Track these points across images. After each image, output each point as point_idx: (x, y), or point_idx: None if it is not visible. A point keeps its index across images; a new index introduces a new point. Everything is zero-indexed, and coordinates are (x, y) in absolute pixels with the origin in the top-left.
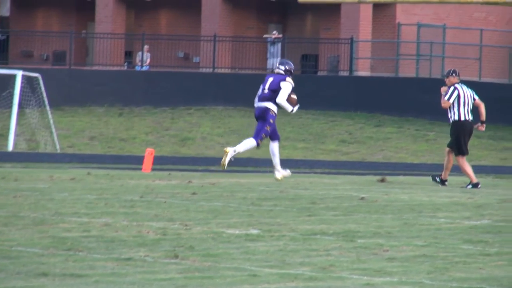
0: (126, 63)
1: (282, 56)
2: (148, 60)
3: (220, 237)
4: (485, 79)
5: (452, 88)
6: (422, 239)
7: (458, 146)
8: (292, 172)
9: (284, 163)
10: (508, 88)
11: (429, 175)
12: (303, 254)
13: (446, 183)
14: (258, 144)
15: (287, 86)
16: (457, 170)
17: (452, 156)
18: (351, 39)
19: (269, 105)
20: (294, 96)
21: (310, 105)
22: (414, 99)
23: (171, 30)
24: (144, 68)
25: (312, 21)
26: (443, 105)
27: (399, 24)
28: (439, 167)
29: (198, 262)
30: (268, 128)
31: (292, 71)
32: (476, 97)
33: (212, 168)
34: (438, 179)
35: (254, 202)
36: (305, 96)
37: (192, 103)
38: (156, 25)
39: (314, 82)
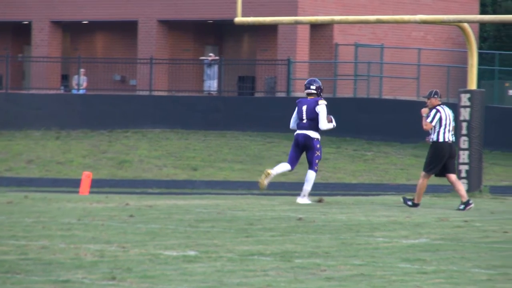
0: (62, 87)
1: (219, 77)
2: (85, 84)
3: (157, 259)
4: (423, 99)
5: (434, 110)
6: (360, 258)
7: (430, 164)
8: (230, 194)
9: (222, 185)
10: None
11: (367, 195)
12: (240, 275)
13: (419, 207)
14: (315, 171)
15: (323, 109)
16: (398, 189)
17: (426, 181)
18: (288, 60)
19: (312, 133)
20: (329, 116)
21: (247, 126)
22: (352, 119)
23: (108, 53)
24: (81, 92)
25: (249, 42)
26: (425, 127)
27: (337, 45)
28: (376, 187)
29: (136, 284)
30: (318, 154)
31: (322, 87)
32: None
33: (150, 190)
34: (410, 203)
35: (192, 223)
36: (242, 117)
37: (129, 126)
38: (92, 48)
39: (251, 103)
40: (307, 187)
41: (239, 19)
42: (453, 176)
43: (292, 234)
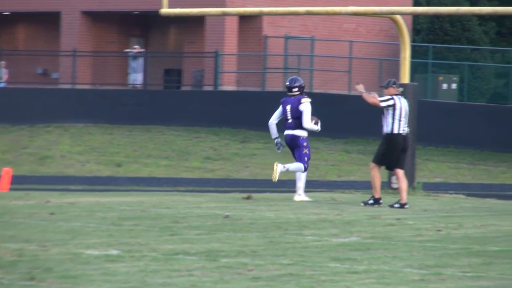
0: None
1: (144, 70)
2: (5, 77)
3: (78, 258)
4: (355, 92)
5: (389, 96)
6: (288, 257)
7: (381, 156)
8: (155, 191)
9: (146, 181)
10: (377, 106)
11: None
12: (164, 275)
13: (381, 201)
14: (305, 169)
15: (307, 107)
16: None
17: (378, 171)
18: (216, 52)
19: (297, 132)
20: (314, 117)
21: (173, 121)
22: None
23: (30, 45)
24: (1, 85)
25: (175, 34)
26: (371, 100)
27: (266, 37)
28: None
29: (56, 284)
30: (306, 151)
31: (303, 84)
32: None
33: (72, 187)
34: (371, 201)
35: (114, 221)
36: (168, 111)
37: (51, 120)
38: (13, 40)
39: (177, 97)
40: (300, 184)
41: (165, 10)
42: (400, 172)
43: (218, 233)
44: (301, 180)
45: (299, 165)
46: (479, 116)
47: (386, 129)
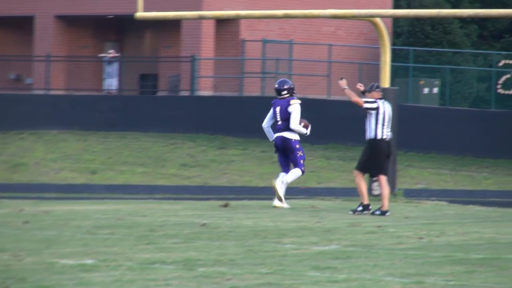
0: None
1: (119, 76)
2: None
3: (53, 268)
4: (335, 97)
5: (373, 100)
6: (267, 266)
7: (365, 163)
8: (130, 198)
9: (122, 189)
10: (357, 106)
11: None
12: (140, 285)
13: (370, 207)
14: (303, 172)
15: (296, 109)
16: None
17: (362, 178)
18: (193, 57)
19: (288, 135)
20: (304, 120)
21: (149, 127)
22: (259, 119)
23: (2, 50)
24: None
25: (151, 38)
26: (354, 99)
27: (243, 41)
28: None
29: None
30: (300, 153)
31: (293, 86)
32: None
33: (46, 195)
34: (360, 208)
35: (89, 230)
36: (144, 117)
37: (25, 127)
38: None
39: (153, 102)
40: (288, 178)
41: (140, 14)
42: (384, 178)
43: (195, 241)
44: (291, 175)
45: (296, 173)
46: (461, 121)
47: (370, 134)
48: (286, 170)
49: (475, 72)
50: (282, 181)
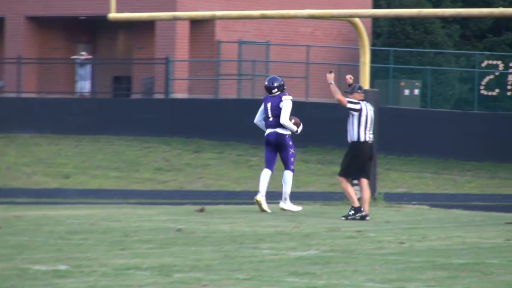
0: None
1: (92, 78)
2: None
3: (25, 274)
4: (313, 99)
5: (356, 101)
6: (244, 272)
7: (347, 168)
8: (104, 203)
9: (96, 193)
10: (337, 107)
11: (252, 203)
12: None
13: (362, 208)
14: (293, 171)
15: (287, 104)
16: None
17: (347, 182)
18: (167, 59)
19: (281, 130)
20: (295, 118)
21: (123, 130)
22: (235, 122)
23: None
24: None
25: (124, 40)
26: (337, 96)
27: (219, 42)
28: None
29: None
30: (292, 151)
31: (283, 82)
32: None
33: (18, 200)
34: (352, 212)
35: (63, 235)
36: (117, 121)
37: None
38: None
39: (127, 105)
40: (287, 189)
41: (113, 15)
42: (365, 181)
43: (171, 247)
44: (287, 185)
45: (289, 178)
46: (443, 123)
47: (352, 136)
48: (271, 167)
49: (457, 73)
50: (285, 197)
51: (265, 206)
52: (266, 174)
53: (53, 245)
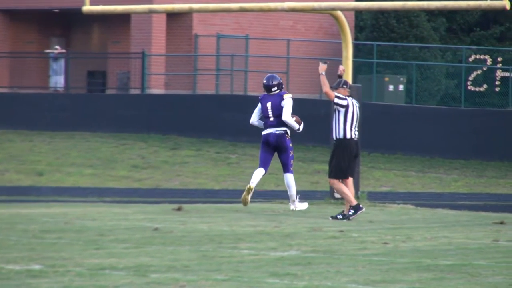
0: None
1: (66, 73)
2: None
3: None
4: (293, 95)
5: (343, 96)
6: (223, 272)
7: (336, 170)
8: (79, 201)
9: (70, 191)
10: (319, 104)
11: (232, 202)
12: None
13: (361, 205)
14: (292, 172)
15: (288, 102)
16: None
17: (339, 183)
18: (143, 53)
19: (281, 131)
20: (297, 116)
21: (98, 127)
22: (214, 119)
23: None
24: None
25: (99, 34)
26: (325, 89)
27: (197, 36)
28: (241, 193)
29: None
30: (292, 153)
31: (281, 81)
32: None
33: None
34: (351, 211)
35: (36, 234)
36: (92, 117)
37: None
38: None
39: (102, 101)
40: (292, 192)
41: (87, 7)
42: (350, 180)
43: (147, 246)
44: (292, 188)
45: (291, 180)
46: (428, 120)
47: (338, 133)
48: (265, 167)
49: (443, 68)
50: (293, 200)
51: (249, 197)
52: (260, 171)
53: (26, 244)
